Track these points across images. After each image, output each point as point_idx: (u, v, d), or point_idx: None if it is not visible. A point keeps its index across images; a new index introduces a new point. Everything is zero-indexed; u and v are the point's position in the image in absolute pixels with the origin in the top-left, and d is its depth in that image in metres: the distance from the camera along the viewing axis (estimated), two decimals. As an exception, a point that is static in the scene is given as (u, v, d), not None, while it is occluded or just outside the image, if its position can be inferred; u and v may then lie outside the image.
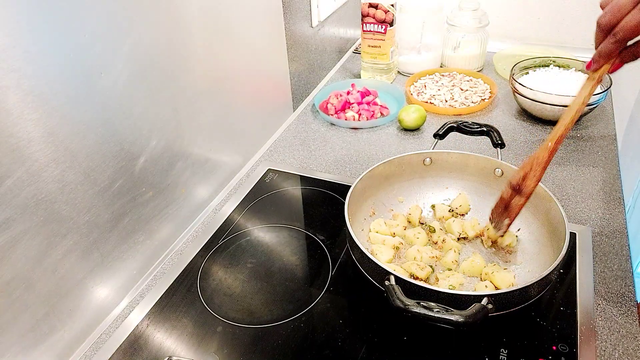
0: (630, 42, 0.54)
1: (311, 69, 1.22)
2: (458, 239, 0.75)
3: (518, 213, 0.68)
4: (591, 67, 0.58)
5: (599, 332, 0.63)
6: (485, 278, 0.67)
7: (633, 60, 0.54)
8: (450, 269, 0.70)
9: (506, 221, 0.69)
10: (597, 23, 0.55)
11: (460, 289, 0.66)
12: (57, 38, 0.54)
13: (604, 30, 0.54)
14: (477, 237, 0.75)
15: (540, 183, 0.70)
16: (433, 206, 0.81)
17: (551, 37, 1.41)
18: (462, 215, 0.79)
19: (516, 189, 0.67)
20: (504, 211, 0.69)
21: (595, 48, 0.56)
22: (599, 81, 0.58)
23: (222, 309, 0.69)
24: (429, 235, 0.75)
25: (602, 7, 0.55)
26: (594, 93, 0.61)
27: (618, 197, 0.85)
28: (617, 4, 0.52)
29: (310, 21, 1.16)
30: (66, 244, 0.61)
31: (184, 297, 0.71)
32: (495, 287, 0.65)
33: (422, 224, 0.79)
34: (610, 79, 1.02)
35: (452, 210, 0.79)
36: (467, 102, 1.13)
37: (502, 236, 0.72)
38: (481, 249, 0.74)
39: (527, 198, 0.66)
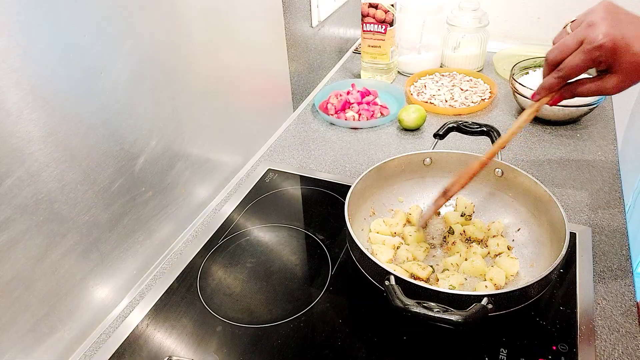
0: (571, 80, 0.58)
1: (311, 69, 1.22)
2: (466, 240, 0.75)
3: (436, 211, 0.72)
4: (534, 97, 0.63)
5: (599, 332, 0.63)
6: (491, 265, 0.69)
7: (571, 97, 0.58)
8: (447, 269, 0.70)
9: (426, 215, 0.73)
10: (545, 58, 0.59)
11: (460, 289, 0.66)
12: (57, 38, 0.54)
13: (550, 65, 0.58)
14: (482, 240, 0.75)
15: (540, 183, 0.71)
16: (444, 217, 0.79)
17: (551, 37, 1.41)
18: (470, 217, 0.79)
19: (444, 193, 0.70)
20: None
21: (543, 78, 0.61)
22: (537, 110, 0.63)
23: (222, 309, 0.69)
24: (447, 237, 0.75)
25: (554, 43, 0.59)
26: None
27: (618, 197, 0.85)
28: (565, 42, 0.56)
29: (310, 21, 1.16)
30: (66, 244, 0.61)
31: (184, 297, 0.71)
32: (496, 285, 0.66)
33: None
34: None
35: (464, 215, 0.78)
36: (467, 102, 1.13)
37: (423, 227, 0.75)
38: (481, 249, 0.74)
39: (447, 200, 0.70)
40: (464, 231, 0.75)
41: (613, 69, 0.53)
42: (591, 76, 0.59)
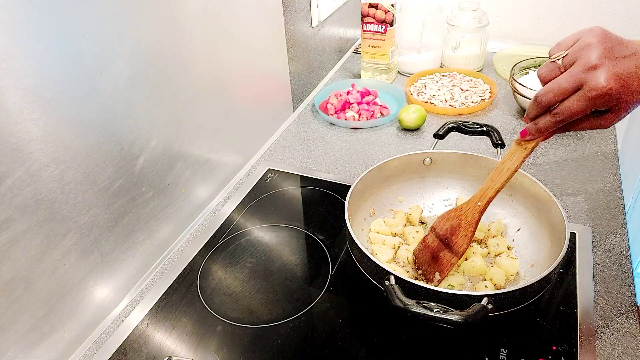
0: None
1: (311, 69, 1.22)
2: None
3: (449, 270, 0.66)
4: (526, 136, 0.59)
5: (599, 332, 0.63)
6: (492, 264, 0.69)
7: (564, 132, 0.56)
8: None
9: (437, 275, 0.66)
10: (536, 99, 0.55)
11: (460, 289, 0.66)
12: (57, 38, 0.54)
13: (543, 108, 0.55)
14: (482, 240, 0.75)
15: (540, 183, 0.71)
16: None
17: (551, 37, 1.41)
18: None
19: (445, 243, 0.67)
20: (432, 261, 0.68)
21: (529, 117, 0.58)
22: (531, 151, 0.60)
23: (222, 309, 0.69)
24: None
25: (540, 79, 0.55)
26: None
27: (618, 197, 0.85)
28: (560, 86, 0.52)
29: (310, 21, 1.16)
30: (66, 244, 0.61)
31: (184, 296, 0.71)
32: (496, 285, 0.66)
33: (423, 223, 0.79)
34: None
35: None
36: (467, 102, 1.13)
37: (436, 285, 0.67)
38: (481, 249, 0.74)
39: (460, 258, 0.66)
40: None
41: (612, 109, 0.52)
42: None
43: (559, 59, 0.52)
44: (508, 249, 0.73)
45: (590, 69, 0.49)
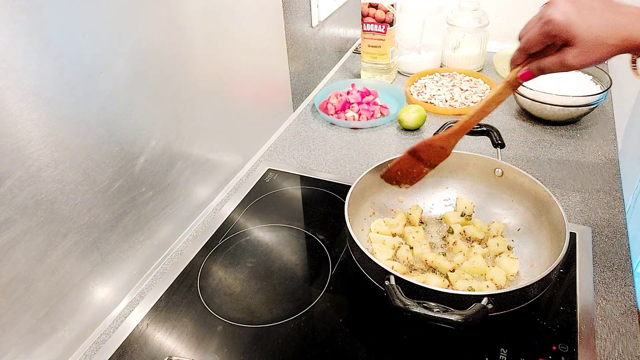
0: (533, 54, 0.59)
1: (311, 69, 1.22)
2: (467, 239, 0.75)
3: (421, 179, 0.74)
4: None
5: (599, 332, 0.63)
6: (492, 264, 0.69)
7: (539, 72, 0.59)
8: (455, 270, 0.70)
9: (405, 186, 0.75)
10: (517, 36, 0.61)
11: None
12: (57, 38, 0.54)
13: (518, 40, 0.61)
14: (482, 240, 0.75)
15: (540, 183, 0.71)
16: (444, 217, 0.80)
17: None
18: (470, 217, 0.79)
19: (419, 158, 0.71)
20: (402, 175, 0.74)
21: (511, 60, 0.63)
22: (509, 83, 0.62)
23: (222, 309, 0.69)
24: (447, 236, 0.76)
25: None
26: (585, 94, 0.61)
27: (618, 197, 0.85)
28: (529, 21, 0.60)
29: (310, 21, 1.16)
30: (66, 244, 0.61)
31: (184, 297, 0.71)
32: (496, 285, 0.66)
33: (422, 223, 0.79)
34: (611, 79, 1.02)
35: (464, 215, 0.78)
36: (467, 102, 1.13)
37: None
38: (481, 249, 0.74)
39: (431, 169, 0.72)
40: (464, 231, 0.75)
41: (570, 42, 0.54)
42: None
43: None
44: (508, 249, 0.73)
45: (549, 4, 0.56)
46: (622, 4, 0.54)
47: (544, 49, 0.58)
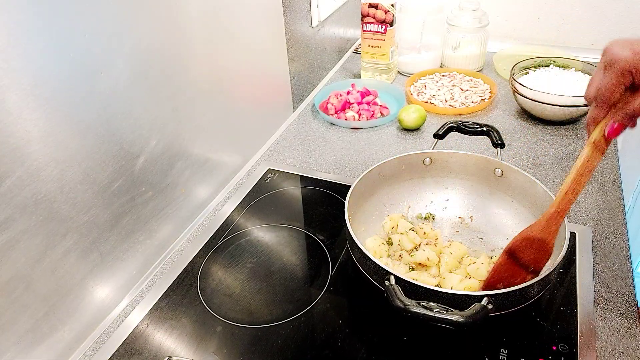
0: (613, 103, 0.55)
1: (311, 69, 1.22)
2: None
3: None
4: (587, 128, 0.59)
5: (599, 332, 0.63)
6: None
7: (631, 119, 0.54)
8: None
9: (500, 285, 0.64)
10: (585, 98, 0.57)
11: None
12: (57, 38, 0.54)
13: (590, 102, 0.57)
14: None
15: (540, 183, 0.71)
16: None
17: (551, 37, 1.41)
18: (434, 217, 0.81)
19: (521, 263, 0.63)
20: (506, 287, 0.61)
21: (589, 119, 0.58)
22: (596, 145, 0.57)
23: (222, 309, 0.69)
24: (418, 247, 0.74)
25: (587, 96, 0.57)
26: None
27: (618, 197, 0.85)
28: (592, 77, 0.55)
29: (310, 21, 1.16)
30: (66, 244, 0.61)
31: (184, 297, 0.71)
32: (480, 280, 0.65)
33: (426, 218, 0.80)
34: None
35: (428, 217, 0.80)
36: (467, 102, 1.13)
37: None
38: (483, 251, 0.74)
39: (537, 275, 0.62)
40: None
41: None
42: None
43: None
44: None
45: (606, 51, 0.53)
46: None
47: (621, 97, 0.54)
